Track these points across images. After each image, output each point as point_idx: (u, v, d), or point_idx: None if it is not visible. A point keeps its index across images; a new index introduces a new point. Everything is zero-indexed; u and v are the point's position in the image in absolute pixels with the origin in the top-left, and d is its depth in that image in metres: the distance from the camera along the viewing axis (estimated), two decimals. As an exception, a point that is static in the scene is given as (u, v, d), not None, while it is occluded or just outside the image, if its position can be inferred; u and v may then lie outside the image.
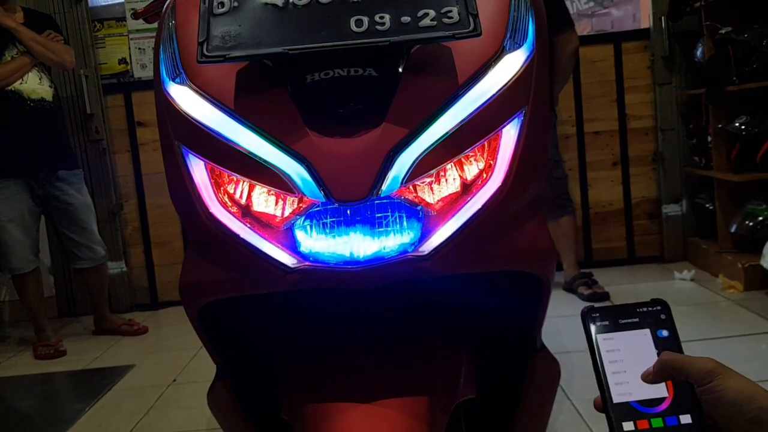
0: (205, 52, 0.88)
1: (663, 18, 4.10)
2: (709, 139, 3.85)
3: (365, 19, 0.88)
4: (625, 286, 3.91)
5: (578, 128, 4.28)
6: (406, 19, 0.88)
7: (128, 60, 4.28)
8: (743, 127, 3.59)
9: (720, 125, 3.71)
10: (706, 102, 3.77)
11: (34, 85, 3.56)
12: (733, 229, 3.69)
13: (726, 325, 3.13)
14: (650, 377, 0.74)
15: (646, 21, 4.28)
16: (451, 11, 0.89)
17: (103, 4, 4.28)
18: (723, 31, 3.61)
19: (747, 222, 3.63)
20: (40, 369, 3.46)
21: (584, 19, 4.34)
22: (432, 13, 0.89)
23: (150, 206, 4.34)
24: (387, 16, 0.89)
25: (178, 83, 0.99)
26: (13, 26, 3.49)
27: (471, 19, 0.88)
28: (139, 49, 4.26)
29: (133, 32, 4.25)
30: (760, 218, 3.58)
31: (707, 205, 4.02)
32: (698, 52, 3.98)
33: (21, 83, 3.50)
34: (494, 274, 1.02)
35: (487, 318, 1.15)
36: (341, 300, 1.10)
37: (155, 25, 3.96)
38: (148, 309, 4.33)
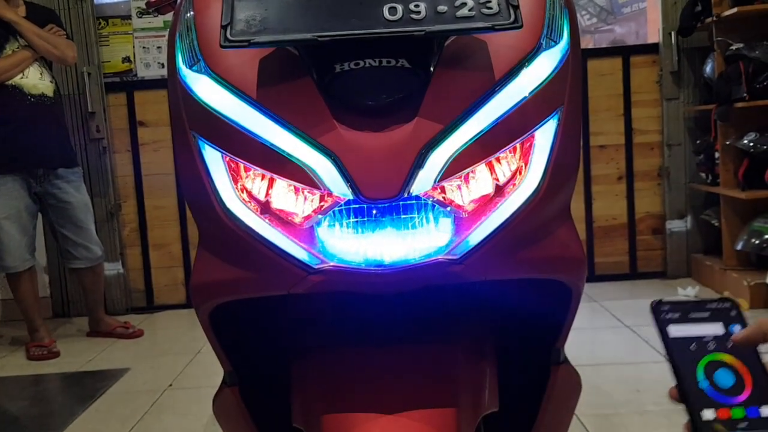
0: (228, 36, 0.83)
1: (673, 33, 4.08)
2: (717, 155, 3.81)
3: (400, 7, 0.84)
4: (627, 301, 3.87)
5: (584, 141, 4.24)
6: (442, 8, 0.84)
7: (132, 59, 4.24)
8: (752, 144, 3.56)
9: (728, 142, 3.68)
10: (715, 118, 3.73)
11: (35, 80, 3.50)
12: (739, 247, 3.65)
13: (732, 343, 3.08)
14: (740, 335, 0.71)
15: (652, 36, 4.26)
16: (490, 2, 0.84)
17: (108, 1, 4.24)
18: (734, 47, 3.58)
19: (753, 240, 3.60)
20: (33, 370, 3.40)
21: (587, 36, 4.32)
22: (470, 2, 0.84)
23: (149, 207, 4.29)
24: (423, 5, 0.84)
25: (195, 71, 0.94)
26: (14, 19, 3.44)
27: (511, 11, 0.84)
28: (143, 48, 4.22)
29: (138, 31, 4.21)
30: (767, 236, 3.55)
31: (713, 222, 3.99)
32: (708, 68, 3.95)
33: (22, 78, 3.45)
34: (521, 281, 0.98)
35: (511, 326, 1.10)
36: (358, 303, 1.05)
37: (161, 23, 3.92)
38: (143, 312, 4.28)
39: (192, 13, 0.98)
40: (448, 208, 0.89)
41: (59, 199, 3.57)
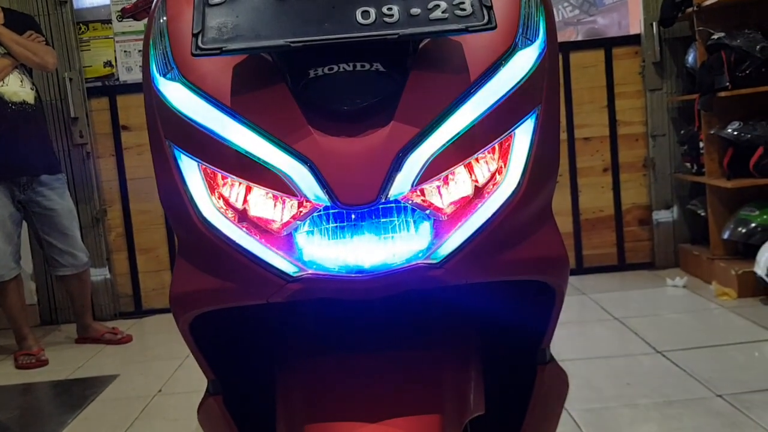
0: (200, 44, 0.82)
1: (654, 23, 4.08)
2: (701, 145, 3.83)
3: (372, 11, 0.83)
4: (615, 293, 3.88)
5: (569, 134, 4.25)
6: (416, 10, 0.83)
7: (113, 63, 4.22)
8: (736, 132, 3.57)
9: (713, 131, 3.69)
10: (698, 107, 3.75)
11: (16, 87, 3.48)
12: (725, 236, 3.67)
13: (720, 332, 3.09)
14: None
15: (634, 27, 4.27)
16: (463, 3, 0.83)
17: (89, 6, 4.21)
18: (716, 37, 3.59)
19: (740, 228, 3.61)
20: (21, 379, 3.38)
21: (570, 27, 4.33)
22: (443, 4, 0.83)
23: (134, 212, 4.27)
24: (396, 8, 0.83)
25: (169, 79, 0.93)
26: (-7, 27, 3.42)
27: (485, 12, 0.83)
28: (125, 51, 4.19)
29: (119, 35, 4.18)
30: (753, 224, 3.56)
31: (699, 212, 4.00)
32: (690, 58, 3.96)
33: (2, 85, 3.43)
34: (504, 283, 0.97)
35: (496, 328, 1.10)
36: (340, 310, 1.04)
37: (141, 27, 3.90)
38: (132, 317, 4.26)
39: (165, 19, 0.97)
40: (428, 211, 0.88)
41: (43, 206, 3.55)
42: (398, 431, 0.89)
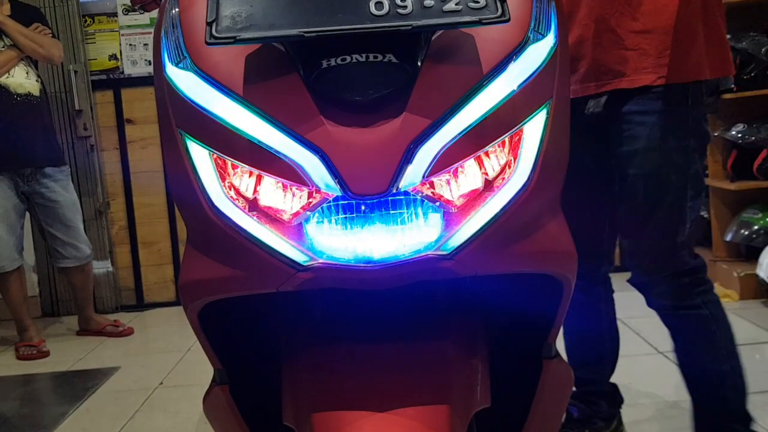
0: (214, 33, 0.83)
1: (660, 24, 4.07)
2: (705, 146, 3.82)
3: (386, 2, 0.83)
4: (616, 294, 3.86)
5: (573, 134, 4.24)
6: (429, 2, 0.83)
7: (118, 56, 4.22)
8: (740, 135, 3.57)
9: (717, 133, 3.69)
10: (703, 109, 3.74)
11: (21, 79, 3.48)
12: (728, 238, 3.67)
13: (722, 334, 3.09)
14: None
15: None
16: (477, -5, 0.84)
17: (94, -1, 4.22)
18: (721, 39, 3.58)
19: (742, 231, 3.61)
20: (22, 370, 3.38)
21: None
22: (457, -4, 0.83)
23: (137, 205, 4.27)
24: (409, -1, 0.83)
25: (181, 68, 0.93)
26: None
27: (498, 4, 0.83)
28: (130, 45, 4.20)
29: (124, 28, 4.19)
30: (756, 227, 3.56)
31: (702, 213, 4.00)
32: (695, 60, 3.95)
33: (7, 77, 3.43)
34: (512, 276, 0.97)
35: (502, 322, 1.10)
36: (348, 299, 1.04)
37: (147, 21, 3.87)
38: (133, 310, 4.27)
39: (177, 9, 0.97)
40: (438, 203, 0.88)
41: (47, 198, 3.55)
42: (406, 421, 0.90)
